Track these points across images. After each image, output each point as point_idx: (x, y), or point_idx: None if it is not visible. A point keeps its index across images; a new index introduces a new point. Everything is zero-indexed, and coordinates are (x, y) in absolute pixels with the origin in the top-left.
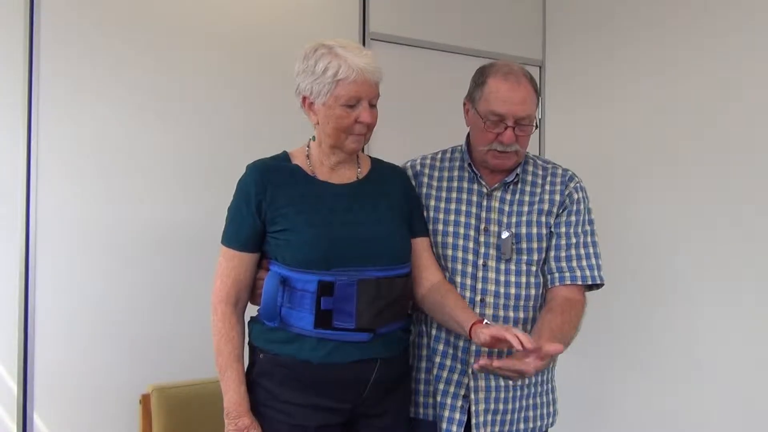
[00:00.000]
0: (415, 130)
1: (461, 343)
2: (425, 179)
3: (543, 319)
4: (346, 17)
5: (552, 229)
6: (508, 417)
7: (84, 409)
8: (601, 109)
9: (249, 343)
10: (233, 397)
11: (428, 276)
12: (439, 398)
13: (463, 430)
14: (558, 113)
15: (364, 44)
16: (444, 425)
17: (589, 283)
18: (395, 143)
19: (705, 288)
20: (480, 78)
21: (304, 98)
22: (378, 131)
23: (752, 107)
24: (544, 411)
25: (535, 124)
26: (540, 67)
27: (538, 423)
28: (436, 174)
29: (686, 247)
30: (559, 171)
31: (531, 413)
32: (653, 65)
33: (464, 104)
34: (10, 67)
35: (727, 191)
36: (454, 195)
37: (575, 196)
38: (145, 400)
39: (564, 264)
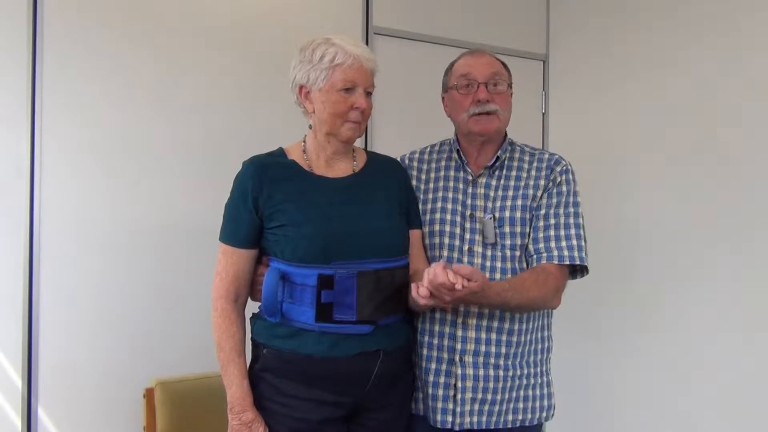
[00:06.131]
0: (418, 124)
1: (447, 330)
2: (414, 172)
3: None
4: (349, 11)
5: (534, 212)
6: (497, 408)
7: (88, 404)
8: (605, 104)
9: (252, 339)
10: (236, 391)
11: (412, 268)
12: (430, 390)
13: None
14: (561, 108)
15: (367, 39)
16: (438, 417)
17: (567, 262)
18: (399, 137)
19: (704, 286)
20: (449, 67)
21: (301, 87)
22: (381, 125)
23: (755, 106)
24: (537, 404)
25: (509, 84)
26: (543, 62)
27: (529, 416)
28: (424, 167)
29: (687, 245)
30: (546, 156)
31: (522, 405)
32: (657, 61)
33: (442, 99)
34: (13, 66)
35: (728, 190)
36: (441, 183)
37: (559, 179)
38: (149, 394)
39: (542, 245)
